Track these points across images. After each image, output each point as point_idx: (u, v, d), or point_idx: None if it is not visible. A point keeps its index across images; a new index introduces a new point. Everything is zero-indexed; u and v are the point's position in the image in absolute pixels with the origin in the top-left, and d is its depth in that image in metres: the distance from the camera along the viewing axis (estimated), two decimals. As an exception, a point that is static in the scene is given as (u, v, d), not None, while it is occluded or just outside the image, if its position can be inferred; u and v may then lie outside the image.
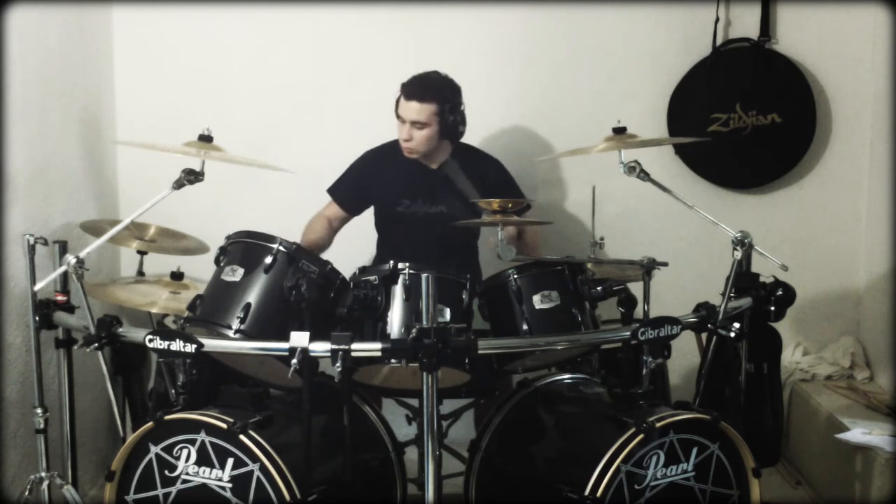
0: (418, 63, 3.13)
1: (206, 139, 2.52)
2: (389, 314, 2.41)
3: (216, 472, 2.24)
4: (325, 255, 2.59)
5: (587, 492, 2.20)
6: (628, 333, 2.35)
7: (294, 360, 2.19)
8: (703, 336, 2.67)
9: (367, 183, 3.22)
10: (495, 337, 2.55)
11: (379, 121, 3.19)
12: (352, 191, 3.24)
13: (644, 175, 2.56)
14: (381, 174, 3.20)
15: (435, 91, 3.02)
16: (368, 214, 3.31)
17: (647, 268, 2.54)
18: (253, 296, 2.40)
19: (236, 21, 3.63)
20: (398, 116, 3.06)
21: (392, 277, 2.42)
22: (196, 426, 2.26)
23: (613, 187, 3.34)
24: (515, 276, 2.51)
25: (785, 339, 3.07)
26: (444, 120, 3.03)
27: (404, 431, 2.80)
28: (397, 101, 3.07)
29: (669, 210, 3.14)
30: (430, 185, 3.14)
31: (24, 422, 2.73)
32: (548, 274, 2.52)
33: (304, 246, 2.97)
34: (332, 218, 3.25)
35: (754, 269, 2.68)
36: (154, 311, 2.79)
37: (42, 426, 2.59)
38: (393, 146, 3.20)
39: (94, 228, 2.88)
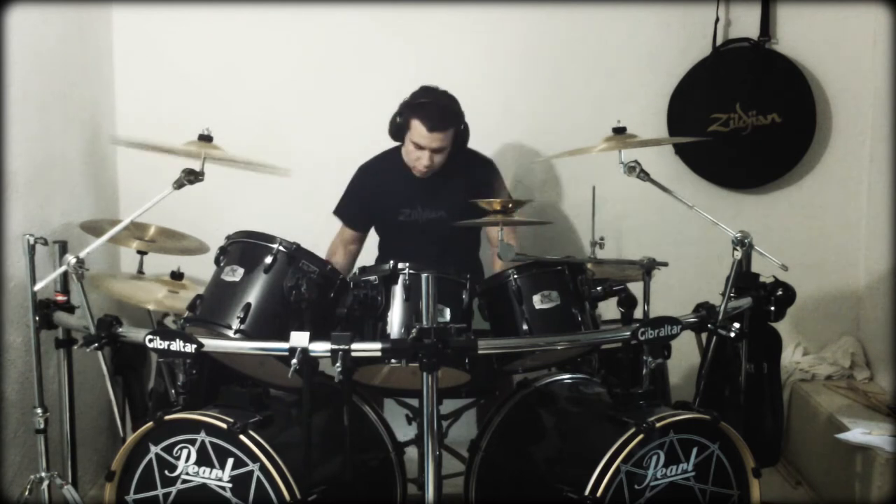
0: (419, 63, 3.14)
1: (206, 139, 2.52)
2: (389, 314, 2.40)
3: (216, 472, 2.24)
4: (325, 255, 2.59)
5: (587, 492, 2.20)
6: (628, 333, 2.35)
7: (294, 360, 2.19)
8: (703, 336, 2.67)
9: (367, 198, 3.23)
10: (495, 337, 2.54)
11: (379, 120, 3.19)
12: (356, 210, 3.26)
13: (644, 175, 2.56)
14: (379, 187, 3.21)
15: (453, 116, 3.06)
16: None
17: (647, 268, 2.54)
18: (253, 296, 2.40)
19: (236, 21, 3.63)
20: (413, 143, 3.03)
21: (392, 277, 2.42)
22: (196, 426, 2.26)
23: (613, 187, 3.34)
24: (515, 276, 2.51)
25: (785, 339, 3.06)
26: (457, 137, 3.09)
27: (404, 431, 2.80)
28: (403, 125, 3.05)
29: (669, 210, 3.14)
30: (428, 191, 3.14)
31: (24, 422, 2.73)
32: (548, 274, 2.52)
33: None
34: (347, 241, 3.28)
35: (754, 269, 2.68)
36: (153, 307, 2.79)
37: (42, 426, 2.59)
38: (386, 157, 3.21)
39: (94, 228, 2.87)
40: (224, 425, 2.21)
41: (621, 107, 3.54)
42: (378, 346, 2.22)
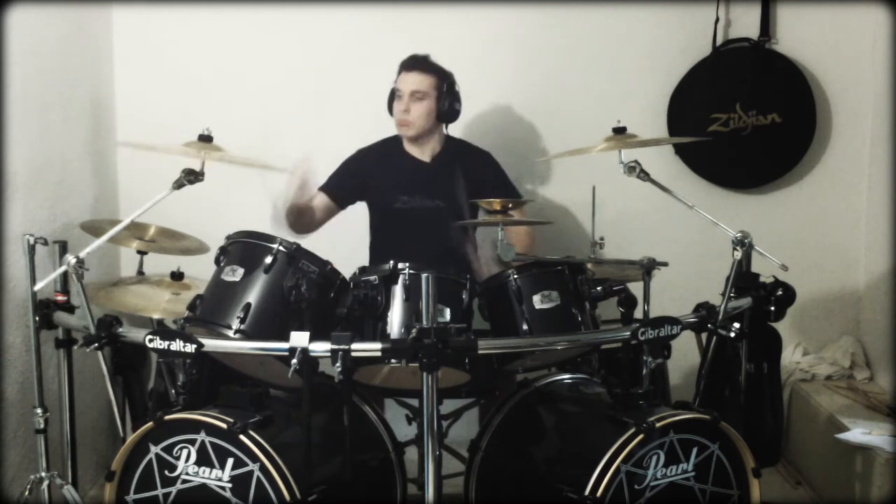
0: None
1: (205, 139, 2.52)
2: (389, 314, 2.40)
3: (216, 472, 2.24)
4: (324, 255, 2.58)
5: (587, 492, 2.20)
6: (628, 333, 2.35)
7: (294, 360, 2.19)
8: (703, 336, 2.67)
9: (360, 179, 3.24)
10: (495, 337, 2.54)
11: (379, 120, 3.20)
12: (343, 182, 3.25)
13: (644, 175, 2.56)
14: (377, 172, 3.21)
15: (434, 66, 3.12)
16: (364, 215, 3.31)
17: (647, 268, 2.54)
18: (253, 296, 2.40)
19: (236, 21, 3.64)
20: (395, 94, 3.11)
21: (392, 277, 2.42)
22: (196, 426, 2.26)
23: (613, 187, 3.34)
24: (515, 276, 2.51)
25: (785, 339, 3.06)
26: (440, 97, 3.09)
27: (404, 431, 2.80)
28: (394, 86, 3.12)
29: (669, 210, 3.13)
30: (427, 179, 3.15)
31: (24, 422, 2.73)
32: (548, 274, 2.52)
33: (291, 210, 2.98)
34: (319, 208, 3.24)
35: (754, 269, 2.68)
36: (157, 316, 2.78)
37: (42, 426, 2.58)
38: (386, 143, 3.22)
39: (94, 228, 2.87)
40: (224, 425, 2.21)
41: (621, 107, 3.54)
42: (378, 346, 2.22)
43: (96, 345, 2.34)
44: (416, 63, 3.11)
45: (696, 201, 2.60)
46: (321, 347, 2.20)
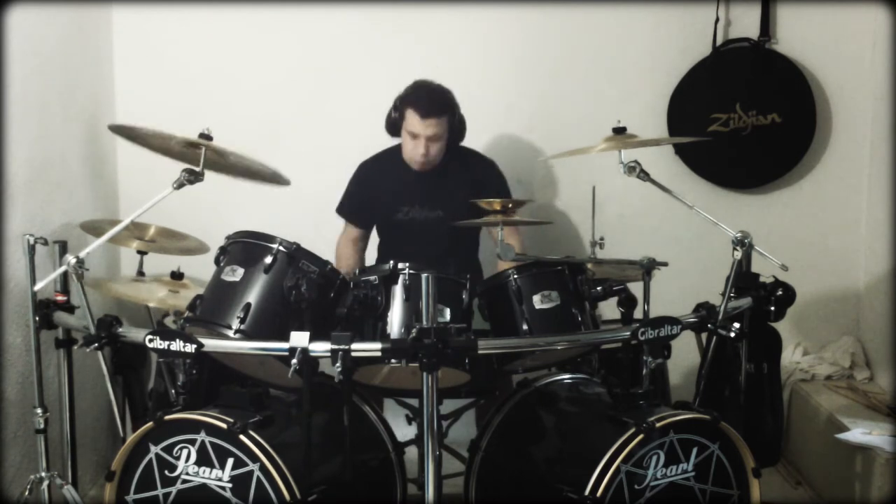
0: (418, 63, 3.14)
1: (205, 139, 2.51)
2: (389, 314, 2.40)
3: (216, 472, 2.24)
4: (325, 256, 2.58)
5: (587, 492, 2.20)
6: (628, 333, 2.35)
7: (294, 360, 2.19)
8: (703, 336, 2.67)
9: (366, 196, 3.24)
10: (495, 337, 2.54)
11: (379, 120, 3.19)
12: (359, 207, 3.27)
13: (644, 175, 2.56)
14: (379, 184, 3.22)
15: (445, 103, 3.06)
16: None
17: (647, 268, 2.54)
18: (253, 296, 2.40)
19: (236, 21, 3.64)
20: (408, 133, 3.05)
21: (392, 277, 2.42)
22: (196, 426, 2.26)
23: (613, 187, 3.34)
24: (515, 276, 2.51)
25: (785, 339, 3.06)
26: (452, 128, 3.07)
27: (404, 431, 2.80)
28: (398, 118, 3.07)
29: (669, 210, 3.14)
30: (427, 190, 3.14)
31: (24, 422, 2.73)
32: (548, 274, 2.52)
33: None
34: (355, 238, 3.29)
35: (754, 269, 2.68)
36: (153, 305, 2.79)
37: (42, 426, 2.59)
38: (387, 155, 3.22)
39: (94, 228, 2.88)
40: (224, 425, 2.21)
41: (621, 107, 3.54)
42: (378, 346, 2.22)
43: (96, 345, 2.35)
44: (433, 108, 3.00)
45: (696, 201, 2.60)
46: (321, 347, 2.20)
